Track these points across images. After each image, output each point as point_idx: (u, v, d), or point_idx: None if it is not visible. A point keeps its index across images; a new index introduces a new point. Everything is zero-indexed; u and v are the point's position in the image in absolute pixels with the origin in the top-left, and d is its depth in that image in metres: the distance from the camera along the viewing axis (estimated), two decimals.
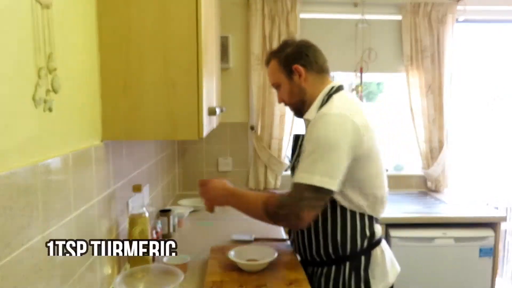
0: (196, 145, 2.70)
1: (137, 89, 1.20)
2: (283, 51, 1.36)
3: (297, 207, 1.16)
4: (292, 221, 1.20)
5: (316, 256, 1.34)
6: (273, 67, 1.37)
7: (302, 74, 1.32)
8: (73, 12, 1.02)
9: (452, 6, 2.61)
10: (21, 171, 0.78)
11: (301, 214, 1.16)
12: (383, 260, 1.32)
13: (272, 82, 1.40)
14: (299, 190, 1.17)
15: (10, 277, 0.74)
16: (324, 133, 1.17)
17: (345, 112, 1.19)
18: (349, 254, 1.28)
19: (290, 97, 1.36)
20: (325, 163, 1.15)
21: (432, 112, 2.67)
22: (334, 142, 1.15)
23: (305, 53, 1.33)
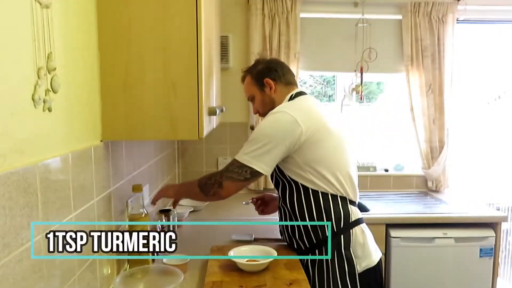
0: (196, 145, 2.70)
1: (137, 89, 1.20)
2: (255, 67, 1.56)
3: (220, 177, 1.39)
4: (215, 189, 1.39)
5: (301, 244, 1.45)
6: (247, 82, 1.58)
7: (272, 86, 1.51)
8: (72, 12, 1.02)
9: (452, 6, 2.61)
10: (21, 171, 0.77)
11: (223, 183, 1.38)
12: (365, 240, 1.42)
13: (248, 95, 1.60)
14: (228, 164, 1.40)
15: (10, 277, 0.74)
16: (261, 126, 1.39)
17: (284, 109, 1.40)
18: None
19: (262, 106, 1.55)
20: (254, 147, 1.35)
21: (432, 112, 2.67)
22: (267, 132, 1.36)
23: (274, 68, 1.54)
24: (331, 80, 3.16)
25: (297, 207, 1.42)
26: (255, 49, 2.55)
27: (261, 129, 1.38)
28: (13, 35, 0.76)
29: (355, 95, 2.75)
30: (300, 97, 1.50)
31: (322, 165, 1.38)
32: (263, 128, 1.38)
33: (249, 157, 1.35)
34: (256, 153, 1.34)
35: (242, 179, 1.37)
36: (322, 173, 1.38)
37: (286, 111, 1.38)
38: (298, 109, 1.41)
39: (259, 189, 2.68)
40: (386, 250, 2.25)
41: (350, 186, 1.43)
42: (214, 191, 1.40)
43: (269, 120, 1.39)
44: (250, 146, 1.36)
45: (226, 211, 2.30)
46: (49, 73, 0.87)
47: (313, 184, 1.39)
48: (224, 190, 1.38)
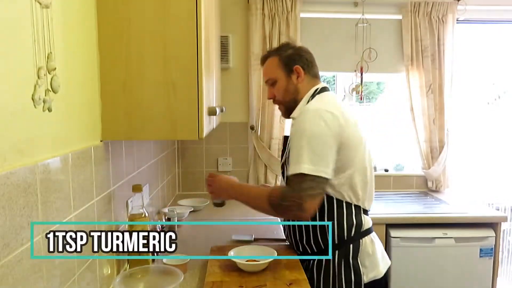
0: (196, 145, 2.70)
1: (137, 89, 1.20)
2: (285, 50, 1.43)
3: (298, 198, 1.21)
4: (295, 212, 1.24)
5: (308, 247, 1.40)
6: (272, 63, 1.43)
7: (301, 75, 1.40)
8: (72, 12, 1.02)
9: (452, 6, 2.61)
10: (21, 171, 0.77)
11: (304, 205, 1.20)
12: (374, 250, 1.36)
13: (268, 77, 1.45)
14: (296, 181, 1.23)
15: (10, 277, 0.74)
16: (305, 126, 1.25)
17: (323, 107, 1.29)
18: (337, 242, 1.33)
19: (284, 94, 1.42)
20: (311, 152, 1.22)
21: (432, 112, 2.67)
22: (316, 132, 1.24)
23: (305, 56, 1.42)
24: (331, 80, 3.16)
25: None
26: (255, 49, 2.55)
27: (308, 131, 1.24)
28: (13, 35, 0.76)
29: (355, 95, 2.75)
30: (327, 93, 1.40)
31: (344, 172, 1.30)
32: (309, 130, 1.24)
33: (316, 166, 1.21)
34: (320, 159, 1.22)
35: (321, 192, 1.24)
36: (342, 181, 1.31)
37: (323, 108, 1.27)
38: (334, 107, 1.30)
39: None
40: (386, 250, 2.24)
41: (367, 195, 1.37)
42: (294, 214, 1.28)
43: (310, 119, 1.26)
44: (308, 153, 1.21)
45: (226, 211, 2.29)
46: (49, 73, 0.87)
47: (330, 190, 1.31)
48: (307, 212, 1.23)
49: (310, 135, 1.23)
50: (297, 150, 1.24)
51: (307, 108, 1.30)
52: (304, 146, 1.22)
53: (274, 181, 2.68)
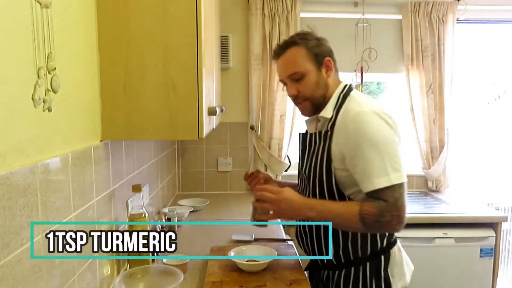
0: (196, 145, 2.70)
1: (137, 89, 1.20)
2: (310, 40, 1.29)
3: (397, 210, 1.13)
4: (395, 225, 1.15)
5: (334, 260, 1.28)
6: (298, 54, 1.26)
7: (331, 69, 1.28)
8: (72, 12, 1.02)
9: (452, 6, 2.61)
10: (21, 171, 0.77)
11: (402, 216, 1.14)
12: (401, 259, 1.29)
13: (294, 71, 1.27)
14: (389, 193, 1.13)
15: (10, 277, 0.74)
16: (371, 131, 1.15)
17: (376, 108, 1.19)
18: (369, 254, 1.24)
19: (314, 89, 1.27)
20: (391, 159, 1.14)
21: (432, 112, 2.67)
22: (386, 137, 1.16)
23: (330, 48, 1.31)
24: None
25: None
26: (255, 49, 2.55)
27: (380, 138, 1.15)
28: (13, 35, 0.76)
29: None
30: (360, 93, 1.32)
31: None
32: (379, 134, 1.16)
33: (400, 172, 1.14)
34: (398, 165, 1.15)
35: (406, 197, 1.17)
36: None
37: (384, 111, 1.20)
38: (383, 108, 1.22)
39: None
40: None
41: None
42: (392, 228, 1.17)
43: (375, 123, 1.16)
44: (389, 161, 1.14)
45: (226, 211, 2.30)
46: (49, 73, 0.87)
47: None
48: (403, 223, 1.15)
49: (383, 141, 1.15)
50: (376, 161, 1.14)
51: (361, 110, 1.18)
52: (383, 154, 1.14)
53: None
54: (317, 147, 1.26)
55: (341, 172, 1.21)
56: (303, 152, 1.34)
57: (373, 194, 1.14)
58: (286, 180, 1.59)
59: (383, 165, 1.13)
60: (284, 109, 2.58)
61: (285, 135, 2.62)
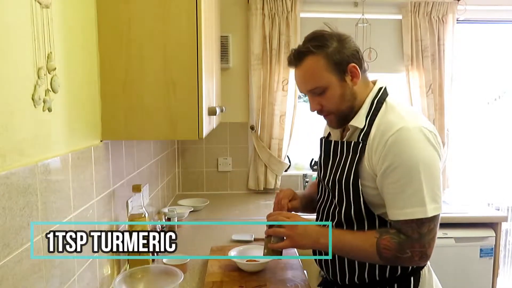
0: (196, 145, 2.70)
1: (137, 89, 1.20)
2: (330, 44, 1.08)
3: (420, 246, 1.01)
4: (417, 261, 1.03)
5: (357, 280, 1.13)
6: (317, 65, 1.08)
7: (357, 75, 1.09)
8: (72, 12, 1.02)
9: (452, 6, 2.61)
10: (21, 171, 0.77)
11: (427, 252, 1.02)
12: (430, 280, 1.15)
13: (315, 86, 1.10)
14: (415, 228, 1.00)
15: (10, 277, 0.74)
16: (415, 153, 1.00)
17: (419, 122, 1.03)
18: (398, 276, 1.10)
19: (340, 103, 1.10)
20: (430, 188, 1.00)
21: (432, 112, 2.66)
22: (428, 160, 1.00)
23: (355, 48, 1.10)
24: None
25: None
26: (255, 49, 2.55)
27: (422, 161, 1.00)
28: (13, 35, 0.76)
29: None
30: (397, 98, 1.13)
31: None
32: (423, 158, 1.00)
33: (433, 204, 1.00)
34: (433, 194, 1.00)
35: (438, 228, 1.03)
36: None
37: (428, 128, 1.03)
38: (428, 123, 1.06)
39: (259, 189, 2.68)
40: None
41: None
42: (414, 263, 1.05)
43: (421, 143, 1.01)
44: (427, 190, 0.99)
45: (226, 211, 2.30)
46: (49, 73, 0.87)
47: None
48: (429, 258, 1.04)
49: (425, 165, 0.99)
50: (414, 187, 0.99)
51: (405, 126, 1.01)
52: (423, 181, 0.99)
53: (274, 181, 2.68)
54: (344, 158, 1.11)
55: (371, 190, 1.06)
56: (326, 161, 1.19)
57: (398, 224, 1.02)
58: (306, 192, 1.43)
59: (421, 193, 0.99)
60: (284, 109, 2.58)
61: (285, 135, 2.62)
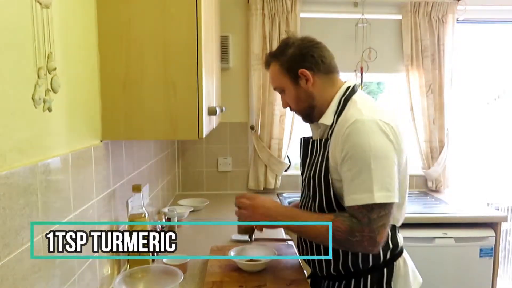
0: (196, 145, 2.70)
1: (137, 89, 1.20)
2: (284, 53, 1.22)
3: (370, 231, 1.06)
4: (367, 247, 1.08)
5: (333, 271, 1.22)
6: (274, 71, 1.24)
7: (309, 79, 1.19)
8: (72, 12, 1.02)
9: (452, 6, 2.61)
10: (21, 171, 0.77)
11: (377, 238, 1.07)
12: (406, 272, 1.22)
13: (275, 86, 1.28)
14: (365, 213, 1.06)
15: (10, 277, 0.74)
16: (367, 143, 1.06)
17: (376, 116, 1.10)
18: (371, 267, 1.18)
19: (297, 103, 1.24)
20: (381, 175, 1.05)
21: (432, 112, 2.67)
22: (380, 150, 1.06)
23: (309, 54, 1.20)
24: None
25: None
26: (255, 49, 2.55)
27: (372, 149, 1.06)
28: (13, 35, 0.76)
29: None
30: (365, 95, 1.23)
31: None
32: (373, 147, 1.06)
33: (384, 192, 1.05)
34: (386, 182, 1.05)
35: (390, 219, 1.09)
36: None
37: (384, 120, 1.10)
38: (389, 117, 1.13)
39: (259, 189, 2.68)
40: None
41: (402, 213, 1.24)
42: (363, 248, 1.10)
43: (371, 134, 1.07)
44: (374, 176, 1.05)
45: (226, 211, 2.30)
46: (49, 73, 0.87)
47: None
48: (378, 244, 1.09)
49: (376, 153, 1.05)
50: (362, 176, 1.05)
51: (360, 118, 1.09)
52: (372, 168, 1.05)
53: (274, 181, 2.68)
54: (317, 155, 1.21)
55: (338, 183, 1.13)
56: (304, 159, 1.29)
57: (350, 209, 1.08)
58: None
59: (370, 181, 1.05)
60: (284, 109, 2.58)
61: (285, 135, 2.62)
